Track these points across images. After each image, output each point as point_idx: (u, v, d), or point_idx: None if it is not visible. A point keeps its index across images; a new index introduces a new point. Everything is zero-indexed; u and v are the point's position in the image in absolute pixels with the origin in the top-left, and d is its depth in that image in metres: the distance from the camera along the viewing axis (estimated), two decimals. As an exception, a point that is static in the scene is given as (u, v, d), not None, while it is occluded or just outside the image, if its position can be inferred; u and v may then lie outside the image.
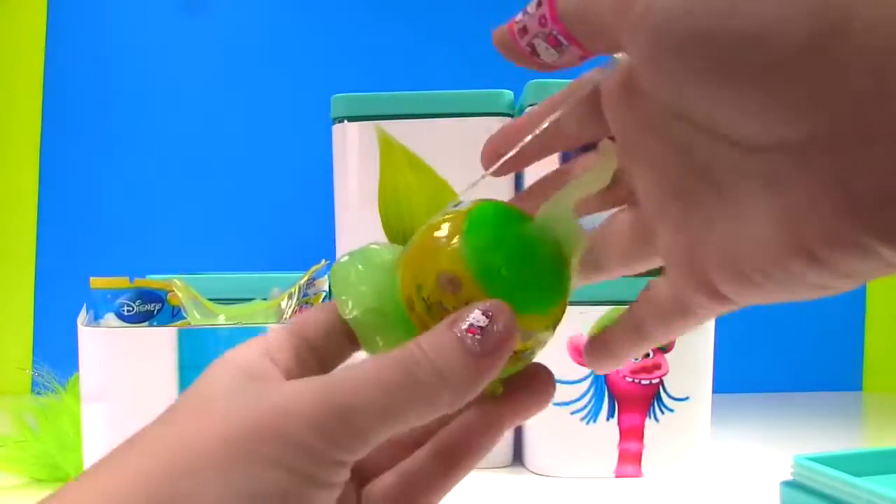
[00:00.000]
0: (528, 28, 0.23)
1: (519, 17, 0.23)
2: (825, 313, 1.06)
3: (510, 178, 0.69)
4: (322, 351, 0.24)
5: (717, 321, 0.67)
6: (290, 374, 0.23)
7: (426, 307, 0.23)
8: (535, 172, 0.30)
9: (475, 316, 0.21)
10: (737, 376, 0.95)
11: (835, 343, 1.06)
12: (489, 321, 0.21)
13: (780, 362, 1.05)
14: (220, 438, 0.20)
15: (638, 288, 0.26)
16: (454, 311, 0.22)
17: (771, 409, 0.93)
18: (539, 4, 0.22)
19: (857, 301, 1.07)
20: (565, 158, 0.29)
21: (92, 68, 1.04)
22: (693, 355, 0.66)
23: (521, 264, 0.23)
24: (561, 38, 0.22)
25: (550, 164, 0.29)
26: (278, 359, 0.23)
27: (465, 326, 0.21)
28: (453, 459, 0.24)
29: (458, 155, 0.68)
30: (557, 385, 0.25)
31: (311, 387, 0.21)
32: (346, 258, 0.26)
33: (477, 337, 0.21)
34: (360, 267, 0.26)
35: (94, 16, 1.05)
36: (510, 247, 0.23)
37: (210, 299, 0.58)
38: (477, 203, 0.25)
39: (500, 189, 0.68)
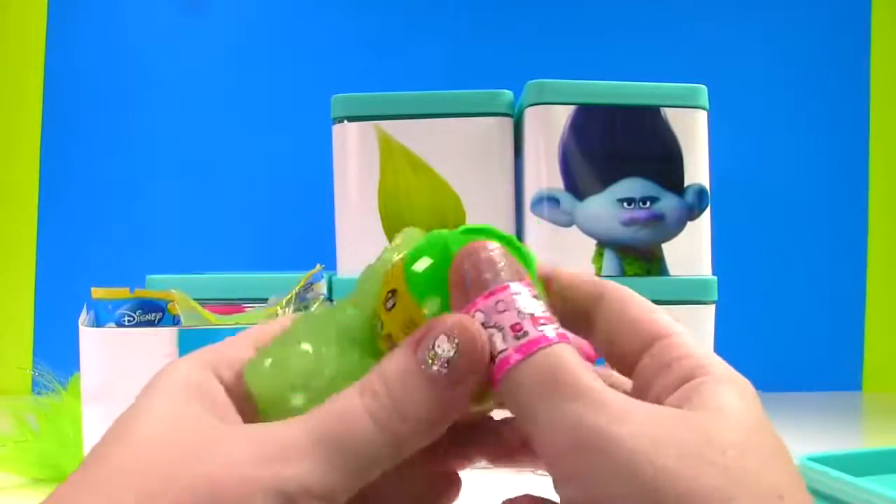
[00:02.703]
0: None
1: (478, 318, 0.20)
2: (825, 313, 1.06)
3: (510, 184, 0.69)
4: None
5: (716, 321, 0.67)
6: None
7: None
8: (535, 177, 0.30)
9: (440, 344, 0.19)
10: (737, 376, 0.94)
11: (835, 343, 1.06)
12: (456, 351, 0.19)
13: (779, 362, 1.05)
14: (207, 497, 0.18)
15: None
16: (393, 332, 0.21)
17: (771, 409, 0.92)
18: (490, 357, 0.19)
19: (857, 301, 1.07)
20: (564, 165, 0.29)
21: (92, 68, 1.04)
22: (693, 355, 0.66)
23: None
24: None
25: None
26: (227, 378, 0.22)
27: (430, 357, 0.19)
28: None
29: (458, 155, 0.69)
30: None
31: (301, 428, 0.19)
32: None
33: (443, 370, 0.19)
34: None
35: (95, 16, 1.05)
36: (442, 258, 0.21)
37: (210, 299, 0.58)
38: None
39: (501, 200, 0.68)
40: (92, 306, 0.56)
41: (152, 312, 0.57)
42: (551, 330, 0.19)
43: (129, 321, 0.56)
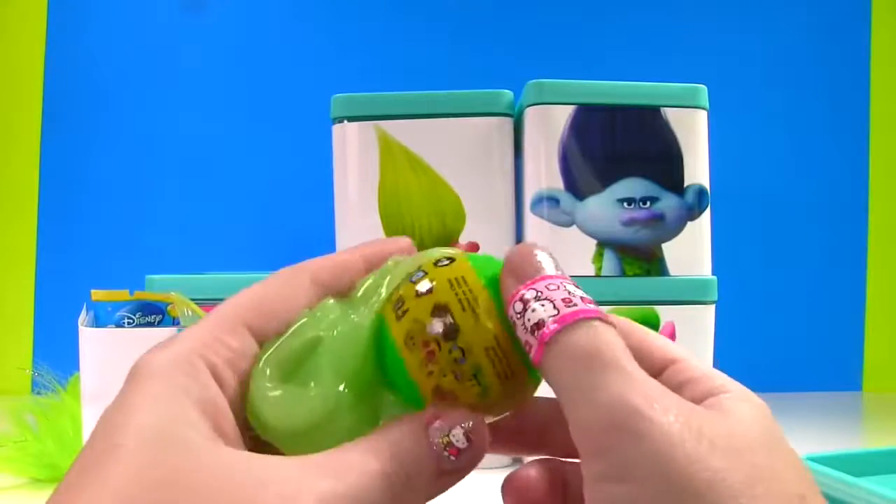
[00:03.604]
0: (517, 328, 0.21)
1: (517, 308, 0.21)
2: (825, 313, 1.06)
3: (510, 191, 0.69)
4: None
5: (716, 321, 0.67)
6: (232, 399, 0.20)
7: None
8: (535, 177, 0.30)
9: (456, 435, 0.21)
10: (737, 376, 0.94)
11: (835, 343, 1.06)
12: (469, 444, 0.21)
13: (780, 362, 1.05)
14: None
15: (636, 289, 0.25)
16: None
17: (771, 409, 0.93)
18: (532, 332, 0.20)
19: (857, 301, 1.07)
20: (564, 165, 0.29)
21: (92, 68, 1.04)
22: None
23: None
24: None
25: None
26: (223, 373, 0.20)
27: (443, 442, 0.21)
28: None
29: (458, 155, 0.69)
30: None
31: (309, 470, 0.19)
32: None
33: (452, 458, 0.21)
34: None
35: (95, 16, 1.05)
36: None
37: (210, 299, 0.58)
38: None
39: (501, 208, 0.68)
40: (91, 307, 0.56)
41: (152, 315, 0.57)
42: (599, 310, 0.21)
43: (128, 323, 0.56)
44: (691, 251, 0.67)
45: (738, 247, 1.02)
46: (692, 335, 0.66)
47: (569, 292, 0.21)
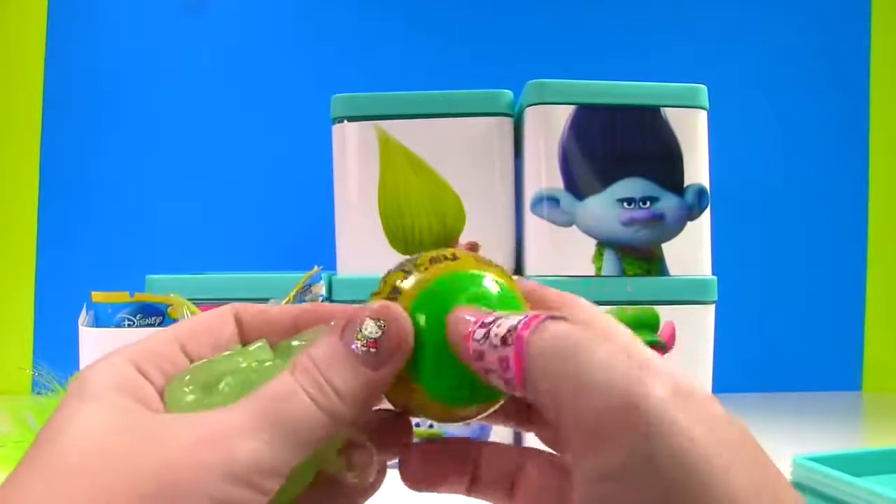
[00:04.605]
0: (484, 356, 0.20)
1: (478, 335, 0.20)
2: (825, 313, 1.06)
3: (510, 192, 0.69)
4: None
5: (716, 321, 0.67)
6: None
7: None
8: (535, 177, 0.30)
9: (368, 326, 0.21)
10: (737, 376, 0.95)
11: (835, 343, 1.06)
12: (382, 332, 0.21)
13: (780, 362, 1.05)
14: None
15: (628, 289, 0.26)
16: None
17: (771, 409, 0.93)
18: (503, 343, 0.20)
19: (857, 301, 1.07)
20: (564, 165, 0.29)
21: (92, 68, 1.04)
22: (693, 355, 0.66)
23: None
24: (514, 387, 0.20)
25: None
26: (153, 375, 0.22)
27: (360, 340, 0.21)
28: None
29: (458, 155, 0.69)
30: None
31: (242, 411, 0.20)
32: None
33: (374, 350, 0.21)
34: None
35: (95, 16, 1.05)
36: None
37: (209, 299, 0.58)
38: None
39: (502, 209, 0.68)
40: (92, 308, 0.56)
41: (152, 316, 0.57)
42: (548, 313, 0.20)
43: (129, 325, 0.56)
44: (691, 251, 0.67)
45: (738, 247, 1.02)
46: (692, 335, 0.66)
47: (512, 316, 0.20)
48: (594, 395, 0.17)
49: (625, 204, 0.66)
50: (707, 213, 0.67)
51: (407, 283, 0.23)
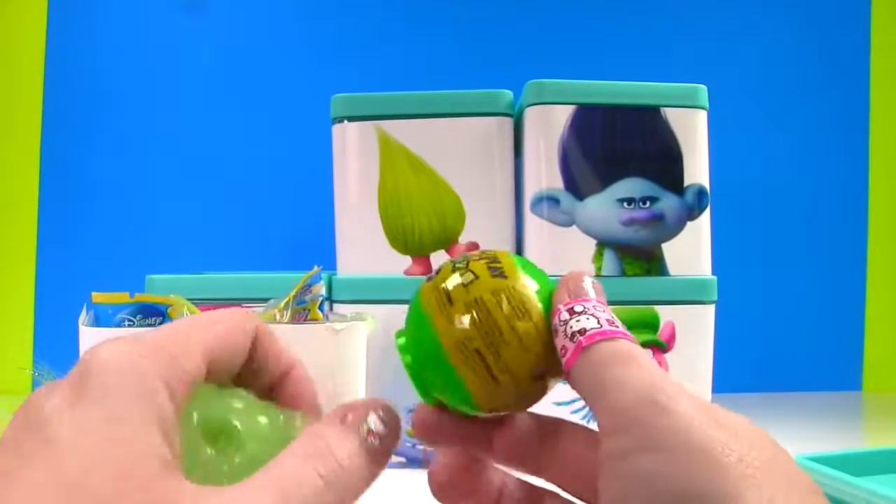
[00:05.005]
0: (557, 335, 0.24)
1: (563, 317, 0.24)
2: (825, 313, 1.06)
3: (510, 193, 0.69)
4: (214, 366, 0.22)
5: (716, 321, 0.67)
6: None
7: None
8: (535, 177, 0.30)
9: (372, 420, 0.23)
10: (737, 376, 0.95)
11: (835, 343, 1.06)
12: (386, 427, 0.23)
13: (780, 362, 1.05)
14: None
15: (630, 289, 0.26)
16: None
17: (771, 409, 0.93)
18: (570, 339, 0.23)
19: (857, 301, 1.07)
20: (564, 165, 0.30)
21: (92, 68, 1.04)
22: (693, 355, 0.66)
23: None
24: (562, 371, 0.24)
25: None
26: (172, 384, 0.20)
27: (364, 430, 0.22)
28: None
29: (458, 155, 0.69)
30: (558, 384, 0.25)
31: (265, 496, 0.19)
32: None
33: (376, 442, 0.23)
34: None
35: (95, 16, 1.05)
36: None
37: (209, 299, 0.58)
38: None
39: (500, 209, 0.68)
40: (92, 308, 0.56)
41: (153, 317, 0.57)
42: (635, 339, 0.23)
43: (129, 325, 0.56)
44: (691, 251, 0.67)
45: (738, 247, 1.02)
46: (692, 335, 0.66)
47: (613, 317, 0.24)
48: (623, 392, 0.21)
49: (625, 204, 0.66)
50: (707, 213, 0.68)
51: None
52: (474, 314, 0.23)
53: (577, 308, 0.24)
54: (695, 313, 0.66)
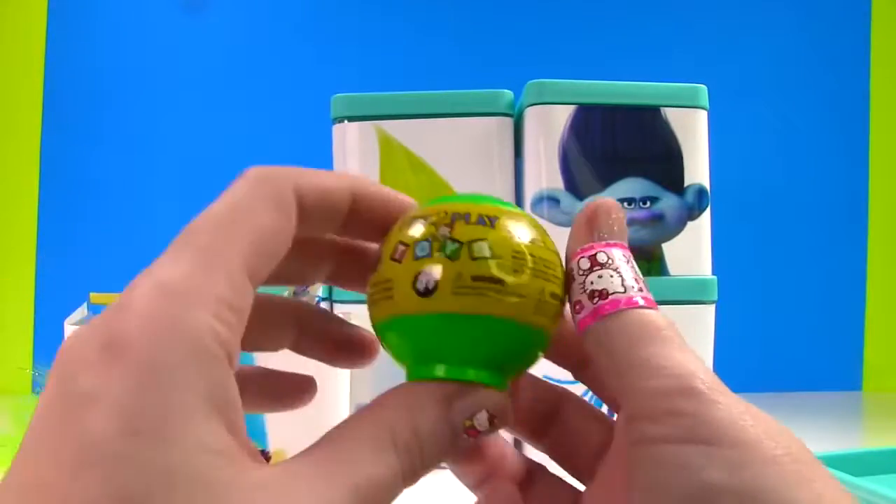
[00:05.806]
0: (572, 286, 0.21)
1: (583, 265, 0.21)
2: (825, 313, 1.06)
3: (510, 180, 0.69)
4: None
5: (716, 321, 0.67)
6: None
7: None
8: (535, 177, 0.30)
9: (480, 418, 0.20)
10: (737, 376, 0.94)
11: (835, 343, 1.06)
12: (490, 426, 0.20)
13: (780, 362, 1.05)
14: None
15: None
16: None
17: (771, 409, 0.93)
18: (590, 297, 0.20)
19: (857, 301, 1.07)
20: (564, 165, 0.29)
21: (92, 68, 1.04)
22: (693, 355, 0.66)
23: None
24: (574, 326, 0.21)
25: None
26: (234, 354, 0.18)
27: (465, 424, 0.20)
28: None
29: (458, 155, 0.69)
30: (556, 384, 0.25)
31: (340, 488, 0.17)
32: None
33: (471, 438, 0.20)
34: None
35: (95, 16, 1.05)
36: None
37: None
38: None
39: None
40: (91, 309, 0.56)
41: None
42: (657, 306, 0.21)
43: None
44: (691, 251, 0.67)
45: (738, 247, 1.02)
46: (692, 335, 0.65)
47: (639, 273, 0.21)
48: (663, 378, 0.19)
49: (625, 204, 0.66)
50: (707, 213, 0.67)
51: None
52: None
53: (601, 258, 0.21)
54: (695, 313, 0.66)
